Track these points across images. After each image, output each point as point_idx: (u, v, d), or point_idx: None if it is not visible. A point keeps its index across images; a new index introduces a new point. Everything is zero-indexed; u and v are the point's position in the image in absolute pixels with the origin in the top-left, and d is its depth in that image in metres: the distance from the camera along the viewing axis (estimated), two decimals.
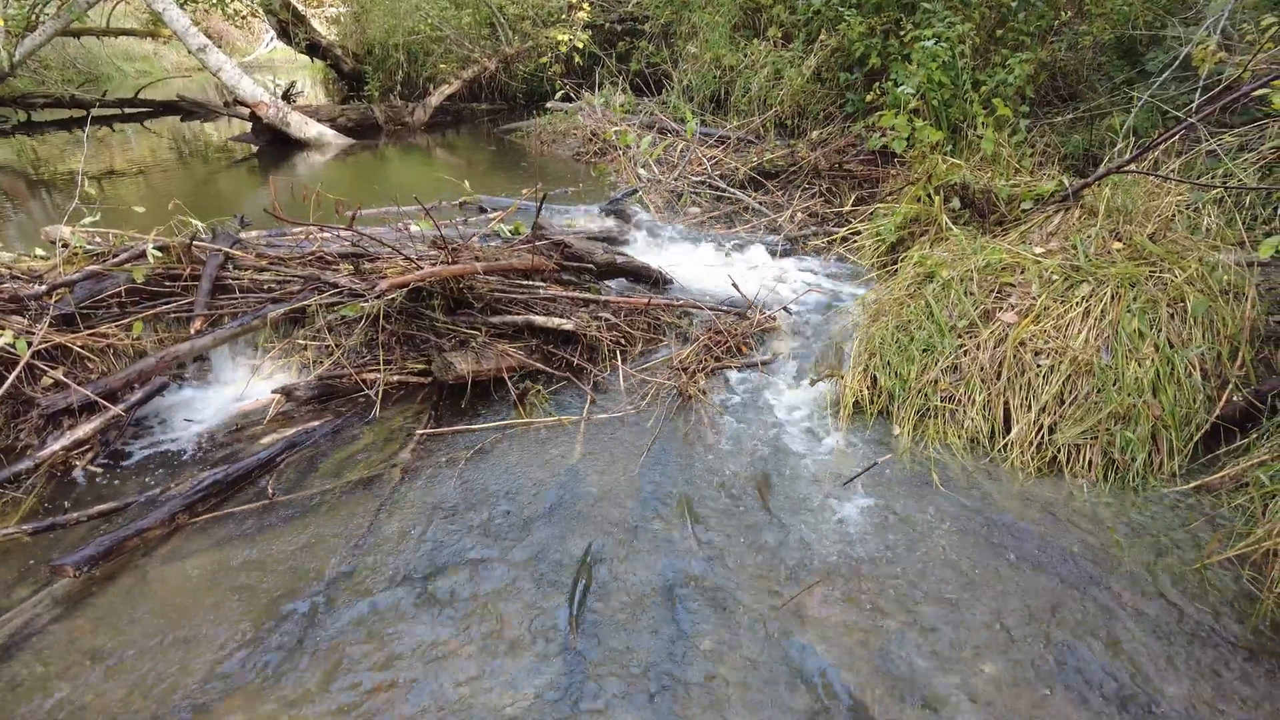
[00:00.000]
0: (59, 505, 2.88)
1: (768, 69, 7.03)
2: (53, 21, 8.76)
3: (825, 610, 2.40)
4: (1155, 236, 3.73)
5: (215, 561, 2.61)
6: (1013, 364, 3.24)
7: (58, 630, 2.33)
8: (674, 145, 6.82)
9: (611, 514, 2.83)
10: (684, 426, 3.40)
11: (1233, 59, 4.26)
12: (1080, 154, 5.09)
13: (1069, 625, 2.34)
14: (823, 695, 2.11)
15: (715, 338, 3.98)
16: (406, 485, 3.01)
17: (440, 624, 2.35)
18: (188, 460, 3.17)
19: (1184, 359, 3.10)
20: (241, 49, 20.91)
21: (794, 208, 5.77)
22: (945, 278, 3.69)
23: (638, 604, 2.42)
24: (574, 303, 4.00)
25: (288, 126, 8.99)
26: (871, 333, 3.65)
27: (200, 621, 2.36)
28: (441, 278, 3.54)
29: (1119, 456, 2.98)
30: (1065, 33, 5.76)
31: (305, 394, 3.44)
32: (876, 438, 3.31)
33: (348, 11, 13.38)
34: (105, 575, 2.53)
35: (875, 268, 4.64)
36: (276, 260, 3.88)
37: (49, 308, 3.36)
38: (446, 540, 2.70)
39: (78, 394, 3.08)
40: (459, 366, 3.41)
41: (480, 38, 10.94)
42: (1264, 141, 3.93)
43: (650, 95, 8.51)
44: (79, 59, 14.47)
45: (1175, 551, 2.63)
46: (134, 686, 2.14)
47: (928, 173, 4.86)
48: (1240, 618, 2.35)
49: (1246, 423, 3.00)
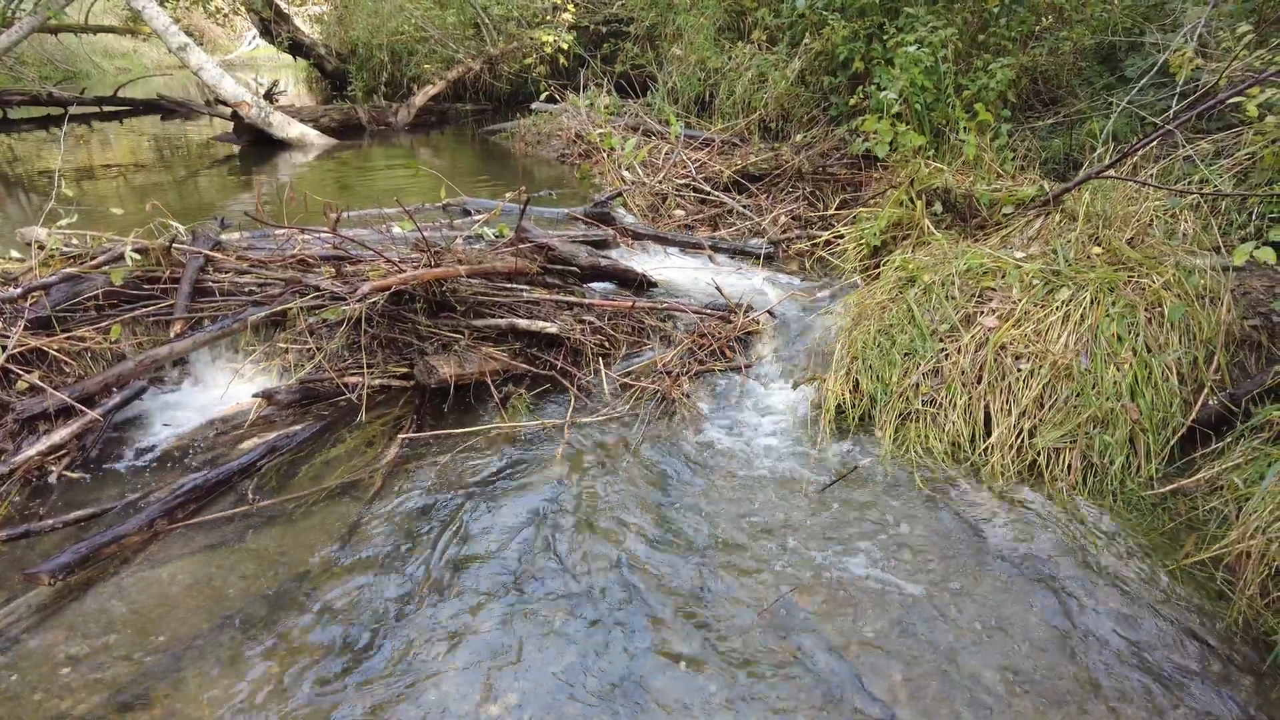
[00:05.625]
0: (34, 512, 2.84)
1: (752, 72, 7.05)
2: (30, 18, 8.64)
3: (808, 611, 2.41)
4: (1133, 241, 3.77)
5: (195, 568, 2.58)
6: (993, 368, 3.27)
7: (32, 639, 2.29)
8: (658, 148, 6.82)
9: (590, 513, 2.83)
10: (667, 430, 3.41)
11: (1209, 66, 4.32)
12: (1061, 158, 5.14)
13: (1043, 628, 2.37)
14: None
15: (699, 341, 3.99)
16: (388, 490, 3.00)
17: (425, 629, 2.34)
18: (167, 465, 3.14)
19: (1161, 363, 3.14)
20: (224, 47, 20.73)
21: (778, 211, 5.78)
22: (927, 282, 3.72)
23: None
24: (558, 306, 3.99)
25: (270, 127, 8.91)
26: (854, 336, 3.67)
27: (179, 629, 2.33)
28: (424, 280, 3.52)
29: (1097, 460, 3.02)
30: (1046, 38, 5.81)
31: (286, 398, 3.42)
32: (858, 441, 3.33)
33: (331, 10, 13.30)
34: (81, 583, 2.50)
35: (858, 271, 4.66)
36: (258, 263, 3.85)
37: (24, 311, 3.31)
38: (430, 544, 2.69)
39: (54, 398, 3.04)
40: (442, 370, 3.39)
41: (465, 38, 10.89)
42: (1239, 148, 3.98)
43: (635, 97, 8.50)
44: (57, 55, 14.28)
45: (1151, 554, 2.66)
46: (111, 695, 2.11)
47: (910, 177, 4.89)
48: (1214, 619, 2.39)
49: (1222, 426, 3.04)
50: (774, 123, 6.96)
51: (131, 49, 17.64)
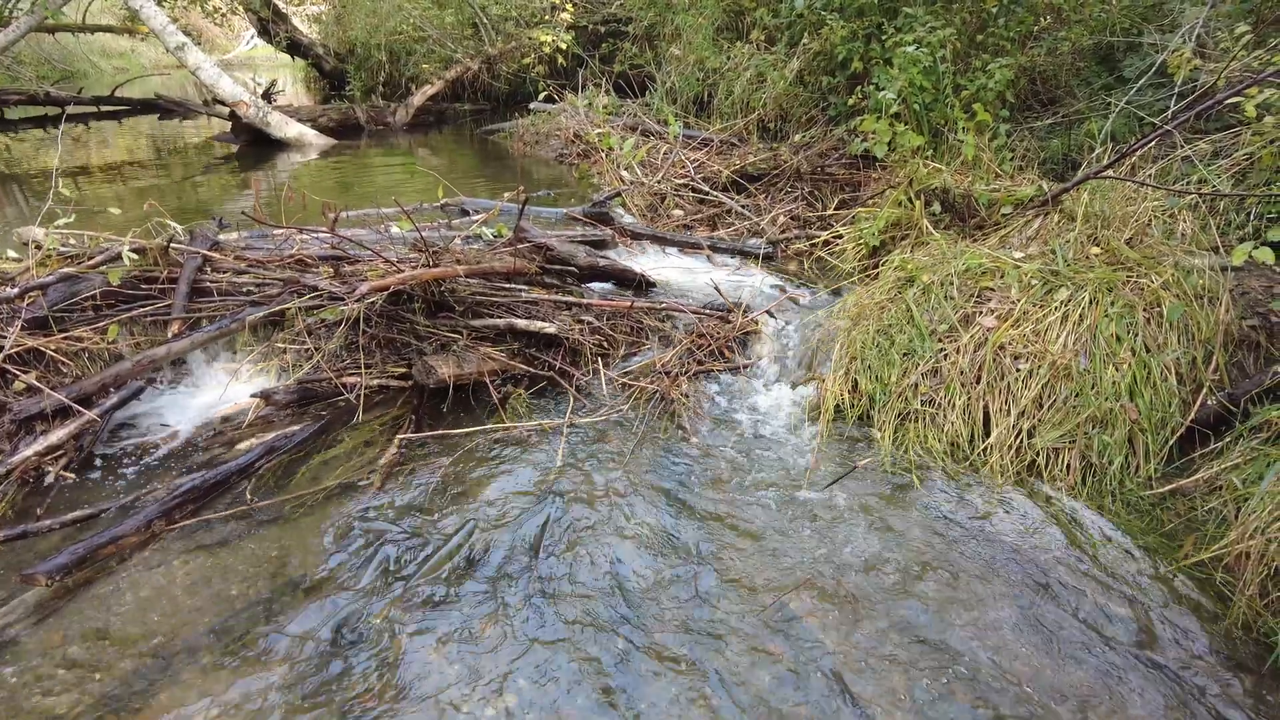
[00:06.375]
0: (31, 512, 2.83)
1: (751, 72, 7.05)
2: (27, 17, 8.60)
3: (806, 613, 2.41)
4: (1132, 241, 3.77)
5: (192, 569, 2.58)
6: (992, 368, 3.27)
7: (30, 640, 2.29)
8: (657, 148, 6.82)
9: (589, 514, 2.83)
10: (666, 430, 3.40)
11: (1207, 66, 4.32)
12: (1059, 159, 5.14)
13: (1042, 628, 2.36)
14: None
15: (698, 341, 3.99)
16: (387, 490, 2.99)
17: (424, 630, 2.33)
18: (164, 466, 3.13)
19: (1160, 363, 3.14)
20: (221, 46, 20.71)
21: (776, 211, 5.78)
22: (926, 282, 3.72)
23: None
24: (556, 306, 3.99)
25: (268, 126, 8.90)
26: (853, 336, 3.67)
27: (177, 630, 2.33)
28: (423, 280, 3.51)
29: (1096, 460, 3.02)
30: (1045, 38, 5.81)
31: (284, 398, 3.41)
32: (857, 441, 3.33)
33: (329, 10, 13.28)
34: (79, 584, 2.49)
35: (857, 271, 4.66)
36: (255, 263, 3.84)
37: (21, 311, 3.30)
38: (428, 545, 2.69)
39: (51, 399, 3.03)
40: (440, 370, 3.39)
41: (463, 38, 10.88)
42: (1237, 148, 3.99)
43: (634, 97, 8.50)
44: (54, 55, 14.25)
45: (1150, 555, 2.66)
46: (109, 697, 2.10)
47: (909, 177, 4.90)
48: (1213, 620, 2.39)
49: (1220, 426, 3.04)
50: (772, 123, 6.96)
51: (129, 48, 17.61)
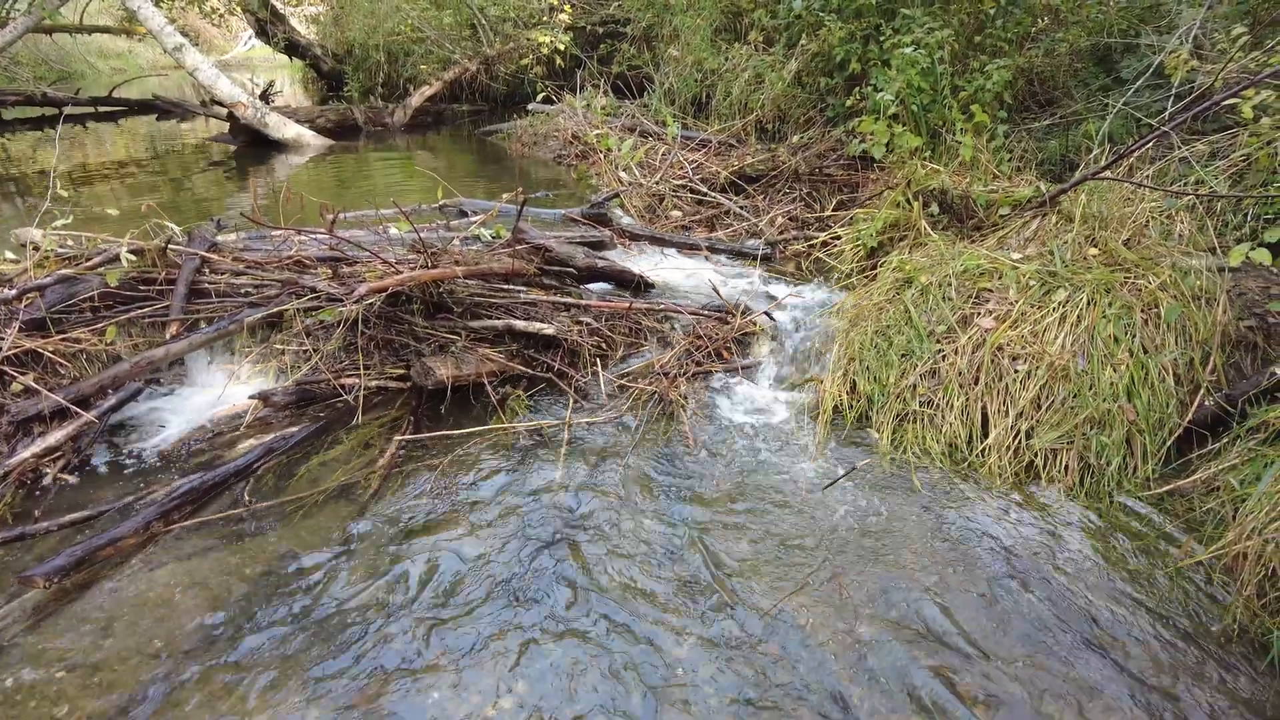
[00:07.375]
0: (29, 514, 2.83)
1: (749, 73, 7.05)
2: (24, 18, 8.59)
3: (807, 613, 2.41)
4: (1130, 242, 3.78)
5: (191, 571, 2.57)
6: (990, 369, 3.27)
7: (28, 642, 2.28)
8: (655, 149, 6.82)
9: (588, 516, 2.83)
10: (665, 431, 3.40)
11: (1204, 68, 4.33)
12: (1057, 160, 5.15)
13: (1040, 629, 2.37)
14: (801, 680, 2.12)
15: (696, 342, 3.99)
16: (385, 491, 2.99)
17: (424, 631, 2.33)
18: (163, 467, 3.13)
19: (1157, 364, 3.15)
20: (219, 47, 20.68)
21: (774, 212, 5.79)
22: (924, 283, 3.72)
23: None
24: (555, 307, 3.99)
25: (265, 127, 8.88)
26: (851, 337, 3.67)
27: (176, 632, 2.32)
28: (421, 282, 3.51)
29: (1094, 461, 3.02)
30: (1043, 39, 5.82)
31: (283, 399, 3.41)
32: (856, 442, 3.33)
33: (327, 10, 13.27)
34: (77, 586, 2.49)
35: (855, 273, 4.66)
36: (254, 264, 3.83)
37: (19, 312, 3.30)
38: (427, 546, 2.68)
39: (49, 400, 3.02)
40: (438, 371, 3.39)
41: (461, 39, 10.88)
42: (1234, 149, 4.00)
43: (632, 98, 8.50)
44: (52, 55, 14.25)
45: (1148, 555, 2.67)
46: (107, 699, 2.10)
47: (907, 178, 4.90)
48: (1211, 621, 2.40)
49: (1218, 427, 3.05)
50: (771, 124, 6.96)
51: (127, 49, 17.59)
